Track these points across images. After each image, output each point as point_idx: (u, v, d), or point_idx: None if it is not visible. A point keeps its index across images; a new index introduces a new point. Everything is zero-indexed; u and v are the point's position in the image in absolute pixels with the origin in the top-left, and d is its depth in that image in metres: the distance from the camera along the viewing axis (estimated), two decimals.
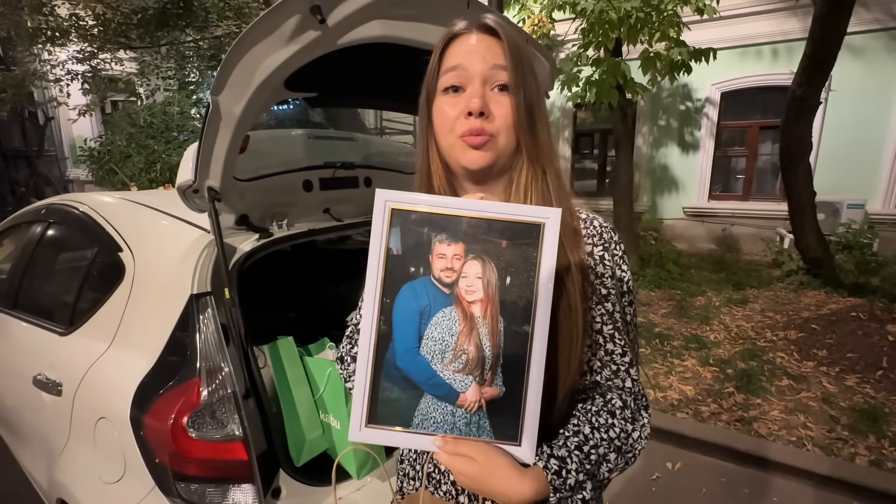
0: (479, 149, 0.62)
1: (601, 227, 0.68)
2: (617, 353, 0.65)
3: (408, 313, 0.55)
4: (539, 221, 0.55)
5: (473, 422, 0.56)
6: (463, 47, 0.63)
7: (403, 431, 0.56)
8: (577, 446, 0.60)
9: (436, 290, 0.55)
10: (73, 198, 1.76)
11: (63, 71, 6.48)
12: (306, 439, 1.29)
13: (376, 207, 0.54)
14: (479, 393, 0.56)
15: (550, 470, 0.57)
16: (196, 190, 1.16)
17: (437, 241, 0.55)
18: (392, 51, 1.06)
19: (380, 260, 0.55)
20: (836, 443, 2.32)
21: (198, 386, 1.06)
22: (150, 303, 1.23)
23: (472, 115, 0.60)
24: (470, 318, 0.55)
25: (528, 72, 0.62)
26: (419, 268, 0.55)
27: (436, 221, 0.55)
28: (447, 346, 0.55)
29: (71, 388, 1.27)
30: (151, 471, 1.05)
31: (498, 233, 0.55)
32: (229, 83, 0.93)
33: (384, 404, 0.56)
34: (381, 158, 1.84)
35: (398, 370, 0.55)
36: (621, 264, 0.67)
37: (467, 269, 0.55)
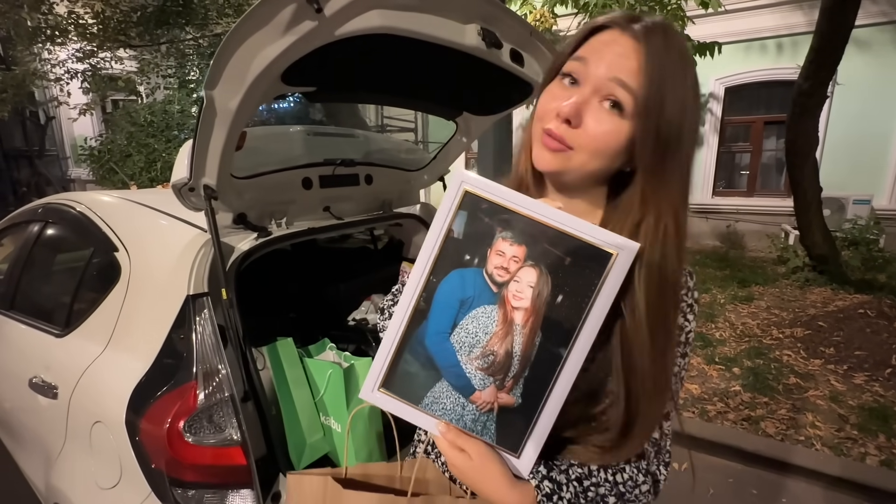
0: (552, 152, 0.56)
1: (689, 279, 0.61)
2: None
3: (450, 298, 0.54)
4: (611, 251, 0.50)
5: (480, 420, 0.56)
6: (599, 43, 0.54)
7: (411, 406, 0.57)
8: (578, 478, 0.57)
9: (484, 284, 0.53)
10: (69, 197, 1.73)
11: (63, 70, 6.46)
12: (307, 443, 1.26)
13: (450, 186, 0.53)
14: (494, 396, 0.55)
15: (542, 491, 0.55)
16: (192, 188, 1.13)
17: (500, 237, 0.52)
18: (394, 44, 1.02)
19: (439, 238, 0.53)
20: (846, 442, 2.29)
21: (194, 389, 1.03)
22: (146, 304, 1.20)
23: (559, 118, 0.54)
24: (509, 322, 0.53)
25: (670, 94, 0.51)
26: (475, 258, 0.53)
27: (505, 217, 0.52)
28: (478, 342, 0.54)
29: (66, 392, 1.25)
30: (147, 477, 1.02)
31: (565, 247, 0.51)
32: (224, 77, 0.89)
33: (401, 375, 0.56)
34: (382, 155, 1.81)
35: (424, 348, 0.55)
36: (687, 313, 0.60)
37: (522, 275, 0.52)
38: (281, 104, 6.16)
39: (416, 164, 1.92)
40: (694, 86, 0.54)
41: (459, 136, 1.80)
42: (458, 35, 1.09)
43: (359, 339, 1.77)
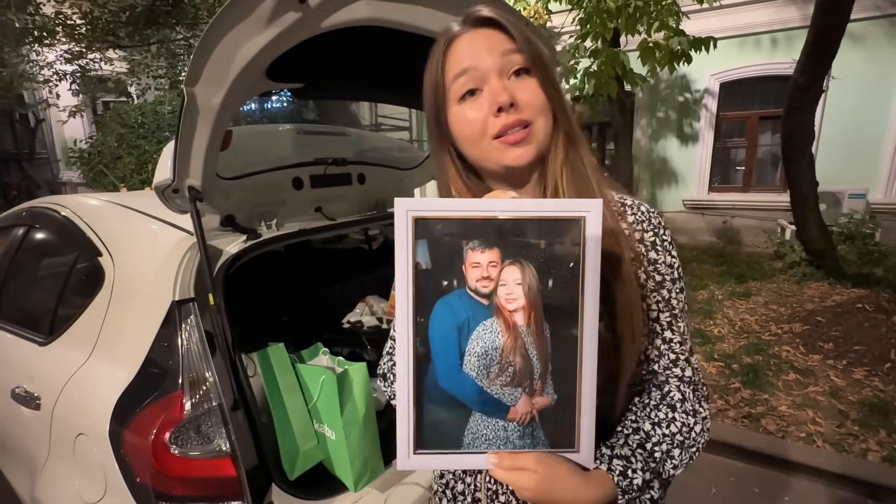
0: (521, 144, 0.57)
1: (649, 213, 0.64)
2: (676, 342, 0.63)
3: (445, 330, 0.52)
4: (579, 216, 0.50)
5: (527, 433, 0.54)
6: (464, 47, 0.58)
7: (455, 453, 0.54)
8: (640, 444, 0.58)
9: (473, 302, 0.52)
10: (54, 200, 1.68)
11: (51, 71, 6.36)
12: (300, 451, 1.22)
13: (398, 220, 0.49)
14: (529, 404, 0.53)
15: (615, 472, 0.55)
16: (176, 189, 1.09)
17: (469, 250, 0.51)
18: (384, 37, 0.98)
19: (409, 277, 0.50)
20: (847, 438, 2.27)
21: (181, 399, 0.99)
22: (131, 310, 1.16)
23: (503, 110, 0.56)
24: (513, 327, 0.52)
25: (539, 43, 0.58)
26: (452, 280, 0.51)
27: (465, 228, 0.51)
28: (492, 360, 0.52)
29: (49, 402, 1.20)
30: (132, 491, 0.98)
31: (535, 233, 0.51)
32: (205, 73, 0.85)
33: (431, 427, 0.53)
34: (374, 154, 1.77)
35: (442, 391, 0.53)
36: (671, 249, 0.63)
37: (505, 276, 0.51)
38: (273, 103, 6.10)
39: (410, 162, 1.89)
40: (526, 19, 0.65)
41: None
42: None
43: (353, 342, 1.73)
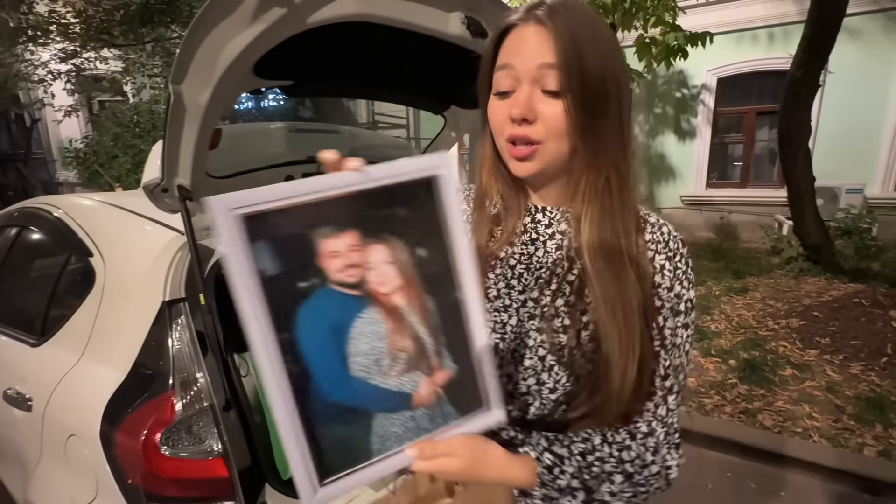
0: (525, 159, 0.56)
1: (669, 235, 0.60)
2: (658, 375, 0.58)
3: (318, 339, 0.44)
4: (429, 175, 0.45)
5: (437, 414, 0.50)
6: (513, 42, 0.56)
7: (369, 465, 0.47)
8: (581, 452, 0.56)
9: (342, 297, 0.44)
10: (46, 200, 1.67)
11: (46, 71, 6.33)
12: None
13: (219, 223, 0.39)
14: (432, 384, 0.49)
15: (542, 462, 0.54)
16: (165, 188, 1.08)
17: (320, 239, 0.43)
18: (375, 33, 0.97)
19: (254, 290, 0.41)
20: (843, 433, 2.27)
21: (171, 400, 0.99)
22: (121, 311, 1.15)
23: (515, 121, 0.55)
24: (394, 311, 0.46)
25: (589, 67, 0.53)
26: (311, 280, 0.43)
27: (308, 215, 0.42)
28: (381, 354, 0.46)
29: (41, 404, 1.19)
30: (123, 492, 0.98)
31: (386, 202, 0.45)
32: (191, 70, 0.84)
33: (333, 451, 0.45)
34: (369, 152, 1.76)
35: (334, 406, 0.45)
36: (683, 280, 0.59)
37: (372, 258, 0.45)
38: (270, 101, 6.07)
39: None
40: (608, 39, 0.55)
41: (448, 130, 1.75)
42: (442, 24, 1.05)
43: None
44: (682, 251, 0.60)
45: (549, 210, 0.64)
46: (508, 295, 0.62)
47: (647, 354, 0.57)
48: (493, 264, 0.64)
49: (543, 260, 0.62)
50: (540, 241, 0.63)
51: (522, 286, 0.62)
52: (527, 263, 0.63)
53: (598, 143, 0.55)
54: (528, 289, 0.61)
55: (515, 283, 0.62)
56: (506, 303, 0.62)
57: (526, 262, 0.63)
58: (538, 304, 0.60)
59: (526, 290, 0.61)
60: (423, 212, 0.46)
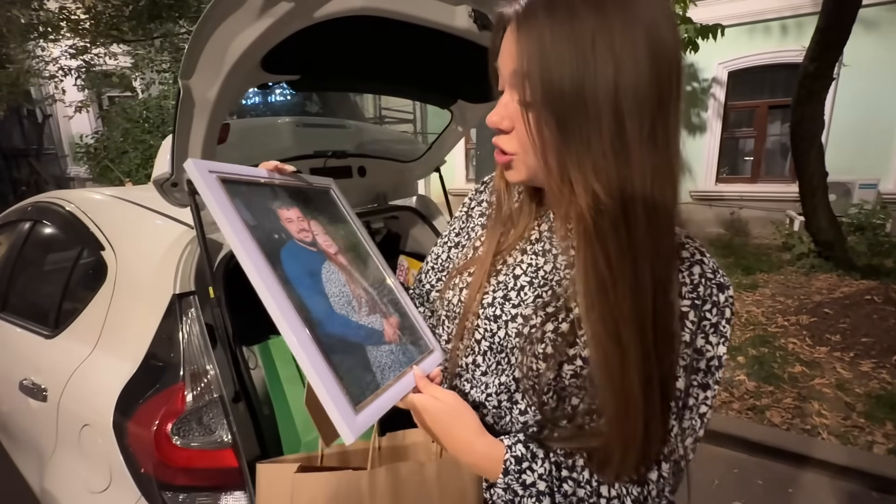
0: (507, 167, 0.54)
1: (700, 278, 0.50)
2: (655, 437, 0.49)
3: (301, 277, 0.52)
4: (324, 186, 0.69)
5: (406, 350, 0.58)
6: (503, 41, 0.50)
7: (381, 392, 0.52)
8: (557, 463, 0.51)
9: (306, 250, 0.55)
10: (58, 195, 1.70)
11: (56, 67, 6.40)
12: (301, 442, 1.23)
13: (201, 183, 0.49)
14: (391, 325, 0.59)
15: (512, 451, 0.52)
16: (174, 183, 1.09)
17: (277, 208, 0.56)
18: (382, 27, 0.97)
19: (246, 235, 0.48)
20: (853, 431, 2.25)
21: (182, 391, 1.00)
22: (133, 303, 1.17)
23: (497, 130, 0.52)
24: (344, 268, 0.58)
25: (559, 77, 0.43)
26: (281, 234, 0.53)
27: (263, 191, 0.56)
28: (349, 297, 0.56)
29: (55, 394, 1.22)
30: (136, 480, 1.00)
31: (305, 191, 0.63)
32: (200, 65, 0.85)
33: (349, 381, 0.49)
34: (375, 146, 1.76)
35: (334, 337, 0.51)
36: (710, 333, 0.49)
37: (314, 227, 0.58)
38: (277, 96, 6.09)
39: (411, 154, 1.87)
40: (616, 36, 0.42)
41: (455, 125, 1.75)
42: (448, 17, 1.04)
43: None
44: (714, 298, 0.49)
45: None
46: (502, 306, 0.58)
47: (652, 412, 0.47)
48: (499, 269, 0.60)
49: (550, 277, 0.56)
50: (551, 255, 0.57)
51: (519, 300, 0.57)
52: (531, 277, 0.57)
53: (574, 169, 0.45)
54: (524, 304, 0.56)
55: (514, 295, 0.57)
56: (497, 313, 0.58)
57: (532, 274, 0.57)
58: (527, 322, 0.54)
59: (520, 306, 0.56)
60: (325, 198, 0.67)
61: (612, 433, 0.48)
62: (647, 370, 0.46)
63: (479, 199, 0.72)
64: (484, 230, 0.66)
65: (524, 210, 0.61)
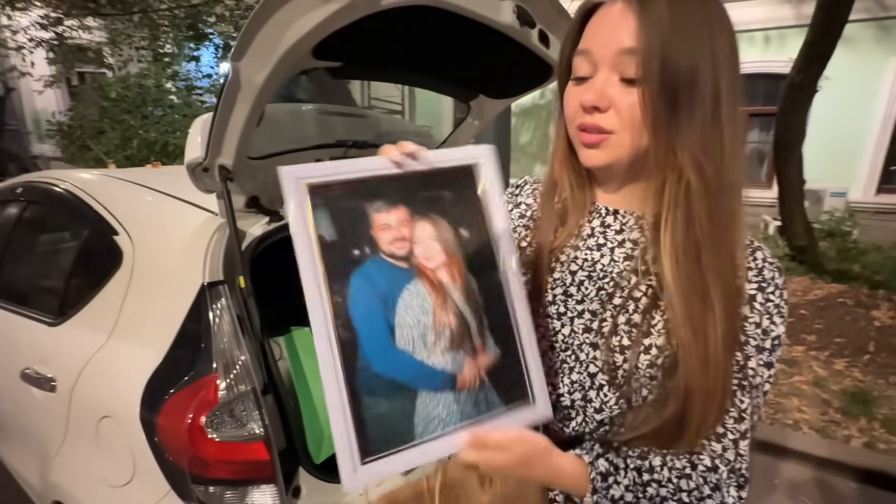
0: (594, 147, 0.53)
1: (763, 262, 0.54)
2: (731, 416, 0.52)
3: (368, 305, 0.46)
4: (470, 163, 0.51)
5: (480, 399, 0.49)
6: (595, 25, 0.52)
7: (411, 447, 0.46)
8: (637, 468, 0.52)
9: (391, 268, 0.47)
10: (54, 175, 1.61)
11: (26, 38, 6.01)
12: (325, 435, 1.22)
13: (287, 190, 0.45)
14: (475, 366, 0.49)
15: (596, 468, 0.52)
16: (206, 168, 1.05)
17: (373, 212, 0.48)
18: (426, 18, 0.96)
19: (314, 255, 0.44)
20: (831, 425, 2.39)
21: (215, 382, 0.98)
22: (155, 292, 1.13)
23: (587, 109, 0.51)
24: (439, 286, 0.48)
25: (677, 53, 0.47)
26: (364, 248, 0.47)
27: (365, 190, 0.48)
28: (426, 328, 0.47)
29: (67, 384, 1.17)
30: (167, 474, 0.97)
31: (433, 184, 0.50)
32: (252, 48, 0.82)
33: (375, 425, 0.45)
34: (392, 137, 1.73)
35: (378, 377, 0.45)
36: (773, 314, 0.53)
37: (418, 234, 0.48)
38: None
39: (426, 147, 1.86)
40: (714, 19, 0.48)
41: (472, 119, 1.74)
42: (494, 11, 1.04)
43: None
44: (776, 282, 0.53)
45: (622, 214, 0.59)
46: (565, 303, 0.58)
47: (728, 391, 0.51)
48: (553, 267, 0.60)
49: (609, 269, 0.57)
50: (607, 248, 0.58)
51: (582, 295, 0.57)
52: (589, 271, 0.58)
53: (680, 140, 0.48)
54: (588, 299, 0.57)
55: (574, 290, 0.58)
56: (560, 310, 0.58)
57: (589, 269, 0.58)
58: (596, 317, 0.55)
59: (585, 301, 0.57)
60: (463, 195, 0.51)
61: (694, 386, 0.49)
62: (726, 326, 0.49)
63: (516, 201, 0.71)
64: (528, 231, 0.66)
65: (577, 203, 0.61)
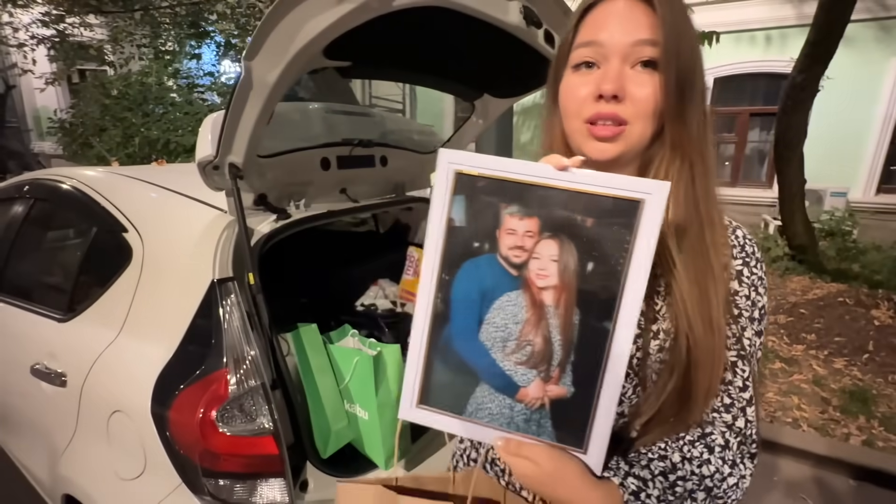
0: (607, 140, 0.53)
1: (744, 239, 0.58)
2: (736, 386, 0.56)
3: (468, 293, 0.50)
4: (638, 198, 0.44)
5: (534, 419, 0.50)
6: (601, 17, 0.53)
7: (456, 417, 0.52)
8: (663, 472, 0.53)
9: (501, 270, 0.49)
10: (60, 173, 1.62)
11: (27, 35, 6.01)
12: (332, 430, 1.23)
13: (439, 170, 0.48)
14: (542, 390, 0.49)
15: (627, 489, 0.51)
16: (216, 166, 1.07)
17: (506, 214, 0.47)
18: (435, 18, 0.97)
19: (441, 231, 0.49)
20: (830, 423, 2.41)
21: (225, 377, 0.99)
22: (165, 288, 1.14)
23: (604, 98, 0.52)
24: (539, 305, 0.48)
25: (684, 41, 0.51)
26: (484, 243, 0.48)
27: (507, 190, 0.47)
28: (510, 335, 0.49)
29: (77, 379, 1.18)
30: (178, 468, 0.99)
31: (583, 208, 0.46)
32: (265, 47, 0.83)
33: (436, 386, 0.52)
34: (396, 136, 1.75)
35: (454, 353, 0.51)
36: (758, 286, 0.57)
37: (541, 250, 0.47)
38: None
39: (429, 146, 1.88)
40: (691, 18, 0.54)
41: (476, 118, 1.76)
42: (502, 12, 1.05)
43: (370, 325, 1.73)
44: (757, 255, 0.58)
45: None
46: None
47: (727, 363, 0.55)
48: None
49: None
50: None
51: None
52: None
53: (686, 128, 0.52)
54: None
55: None
56: None
57: None
58: None
59: None
60: (611, 230, 0.46)
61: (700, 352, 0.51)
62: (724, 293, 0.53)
63: None
64: None
65: None
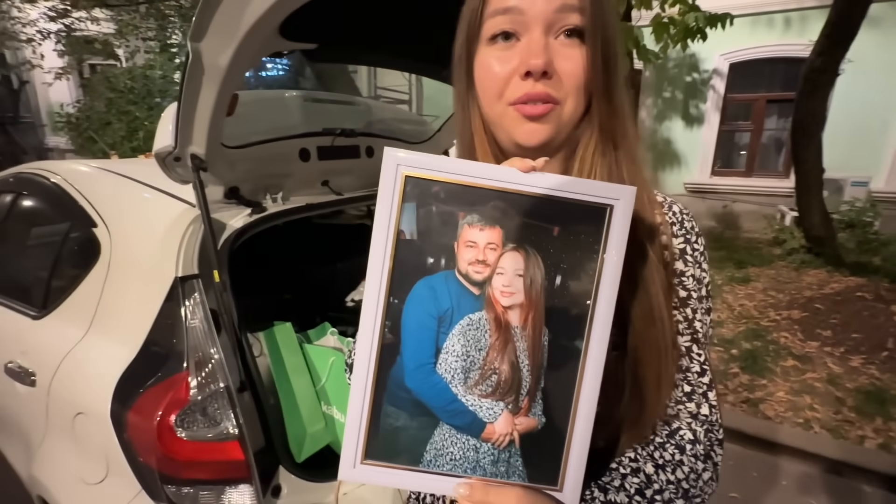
0: (538, 120, 0.47)
1: (681, 214, 0.55)
2: (693, 371, 0.53)
3: (422, 318, 0.42)
4: (604, 203, 0.41)
5: (502, 459, 0.44)
6: None
7: (411, 470, 0.44)
8: (639, 490, 0.49)
9: (461, 289, 0.42)
10: (43, 166, 1.59)
11: (34, 30, 6.06)
12: (307, 433, 1.19)
13: (385, 173, 0.40)
14: (511, 424, 0.44)
15: None
16: (177, 157, 1.01)
17: (465, 224, 0.41)
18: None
19: (387, 246, 0.41)
20: (844, 425, 2.30)
21: (186, 380, 0.94)
22: (130, 285, 1.10)
23: (532, 76, 0.46)
24: (505, 327, 0.43)
25: (607, 7, 0.47)
26: (440, 259, 0.42)
27: (465, 197, 0.41)
28: (473, 364, 0.43)
29: (45, 379, 1.15)
30: (136, 473, 0.95)
31: (548, 215, 0.42)
32: (212, 27, 0.77)
33: (387, 435, 0.43)
34: (383, 126, 1.68)
35: (407, 392, 0.43)
36: (702, 262, 0.54)
37: (505, 264, 0.42)
38: (268, 70, 5.85)
39: (420, 136, 1.80)
40: None
41: None
42: None
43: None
44: (696, 230, 0.55)
45: None
46: None
47: (679, 350, 0.52)
48: None
49: None
50: None
51: None
52: None
53: (612, 105, 0.48)
54: None
55: None
56: None
57: None
58: None
59: None
60: (579, 238, 0.42)
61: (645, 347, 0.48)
62: (662, 276, 0.50)
63: None
64: None
65: None
